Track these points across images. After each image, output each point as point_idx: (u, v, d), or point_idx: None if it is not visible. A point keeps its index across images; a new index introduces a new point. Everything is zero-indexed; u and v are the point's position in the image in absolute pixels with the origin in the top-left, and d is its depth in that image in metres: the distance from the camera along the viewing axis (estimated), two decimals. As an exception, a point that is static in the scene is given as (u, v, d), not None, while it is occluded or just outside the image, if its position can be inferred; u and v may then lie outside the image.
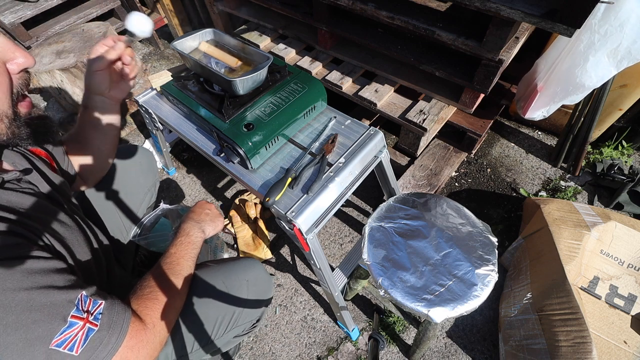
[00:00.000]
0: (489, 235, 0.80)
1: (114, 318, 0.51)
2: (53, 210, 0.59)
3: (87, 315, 0.48)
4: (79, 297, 0.48)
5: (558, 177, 1.58)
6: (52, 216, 0.58)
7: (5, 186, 0.54)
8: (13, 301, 0.42)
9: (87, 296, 0.49)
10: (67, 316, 0.46)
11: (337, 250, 1.44)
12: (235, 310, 0.79)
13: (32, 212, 0.54)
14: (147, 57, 2.48)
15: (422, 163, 1.50)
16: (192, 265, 0.73)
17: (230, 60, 1.02)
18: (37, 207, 0.56)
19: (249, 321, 0.83)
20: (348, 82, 1.42)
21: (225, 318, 0.78)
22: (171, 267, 0.68)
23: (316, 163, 0.90)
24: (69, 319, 0.46)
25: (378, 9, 1.14)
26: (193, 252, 0.75)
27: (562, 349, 0.87)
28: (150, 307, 0.59)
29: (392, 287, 0.73)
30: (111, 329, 0.50)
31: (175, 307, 0.65)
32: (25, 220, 0.51)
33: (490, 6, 0.88)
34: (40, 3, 2.03)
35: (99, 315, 0.49)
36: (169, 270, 0.68)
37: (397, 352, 1.17)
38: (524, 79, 1.35)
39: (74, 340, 0.46)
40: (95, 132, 0.81)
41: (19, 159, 0.64)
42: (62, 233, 0.57)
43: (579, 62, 1.10)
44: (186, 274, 0.70)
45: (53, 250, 0.53)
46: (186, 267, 0.71)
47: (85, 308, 0.48)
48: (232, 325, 0.80)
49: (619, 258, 1.05)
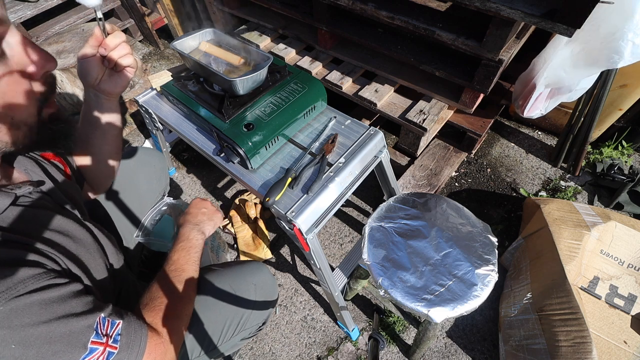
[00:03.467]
0: (489, 235, 0.80)
1: (131, 337, 0.51)
2: (67, 225, 0.57)
3: (107, 339, 0.48)
4: (98, 321, 0.48)
5: (558, 177, 1.58)
6: (66, 233, 0.56)
7: (18, 202, 0.52)
8: (32, 336, 0.42)
9: (105, 317, 0.49)
10: (87, 342, 0.46)
11: (337, 250, 1.43)
12: (244, 314, 0.80)
13: (47, 232, 0.53)
14: (147, 57, 2.48)
15: (422, 163, 1.50)
16: (196, 269, 0.73)
17: (233, 58, 1.02)
18: (52, 225, 0.54)
19: (255, 324, 0.83)
20: (348, 82, 1.42)
21: (233, 321, 0.79)
22: (177, 275, 0.68)
23: (316, 163, 0.90)
24: (89, 346, 0.46)
25: (378, 9, 1.14)
26: (195, 255, 0.75)
27: (562, 349, 0.87)
28: (164, 318, 0.60)
29: (392, 287, 0.73)
30: (130, 349, 0.50)
31: (187, 314, 0.66)
32: (40, 246, 0.49)
33: (490, 6, 0.88)
34: (40, 3, 2.03)
35: (117, 337, 0.50)
36: (176, 278, 0.68)
37: (397, 352, 1.17)
38: (521, 78, 1.35)
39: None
40: (94, 131, 0.76)
41: (32, 166, 0.62)
42: (76, 251, 0.56)
43: (573, 60, 1.11)
44: (192, 279, 0.70)
45: (69, 273, 0.52)
46: (191, 271, 0.71)
47: (104, 331, 0.48)
48: (240, 328, 0.80)
49: (619, 258, 1.05)
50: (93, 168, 0.80)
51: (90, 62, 0.65)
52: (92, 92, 0.70)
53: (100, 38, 0.64)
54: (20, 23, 2.03)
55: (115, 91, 0.71)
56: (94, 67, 0.66)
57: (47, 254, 0.49)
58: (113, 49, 0.65)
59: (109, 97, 0.72)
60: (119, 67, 0.68)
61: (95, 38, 0.64)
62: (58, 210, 0.58)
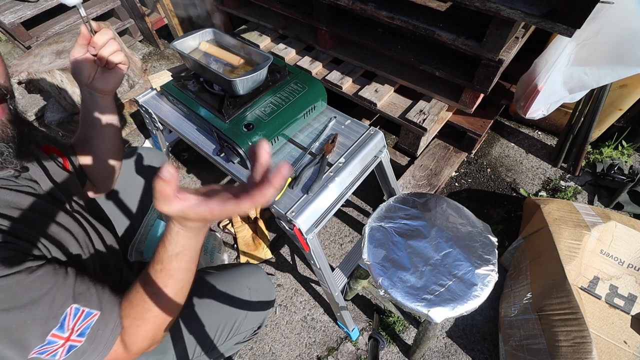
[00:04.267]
0: (489, 235, 0.80)
1: (101, 334, 0.49)
2: (52, 210, 0.57)
3: (71, 333, 0.46)
4: (68, 312, 0.46)
5: (558, 177, 1.58)
6: (49, 217, 0.55)
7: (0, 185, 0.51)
8: None
9: (79, 308, 0.47)
10: (47, 334, 0.44)
11: (337, 250, 1.43)
12: (237, 318, 0.79)
13: (29, 215, 0.51)
14: (147, 57, 2.48)
15: (422, 163, 1.50)
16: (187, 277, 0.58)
17: (232, 59, 1.02)
18: (34, 208, 0.53)
19: (250, 328, 0.83)
20: (348, 82, 1.42)
21: (227, 325, 0.78)
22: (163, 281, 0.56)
23: (316, 163, 0.90)
24: (48, 337, 0.44)
25: (378, 8, 1.14)
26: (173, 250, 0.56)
27: (562, 349, 0.87)
28: (138, 330, 0.54)
29: (392, 287, 0.73)
30: (94, 345, 0.49)
31: (164, 327, 0.58)
32: (19, 227, 0.48)
33: (490, 6, 0.88)
34: (40, 3, 2.03)
35: (86, 330, 0.48)
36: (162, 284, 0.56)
37: (397, 352, 1.17)
38: (523, 79, 1.35)
39: (56, 352, 0.45)
40: (92, 130, 0.77)
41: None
42: (58, 235, 0.55)
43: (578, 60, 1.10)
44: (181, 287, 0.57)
45: (50, 257, 0.50)
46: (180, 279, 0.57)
47: (71, 325, 0.46)
48: (234, 332, 0.79)
49: (619, 258, 1.05)
50: (94, 167, 0.80)
51: (82, 62, 0.66)
52: (86, 91, 0.71)
53: (88, 37, 0.64)
54: (20, 23, 2.03)
55: (108, 88, 0.71)
56: (86, 66, 0.66)
57: (22, 236, 0.47)
58: (102, 46, 0.65)
59: (103, 95, 0.72)
60: (110, 64, 0.68)
61: (83, 37, 0.64)
62: (44, 198, 0.57)
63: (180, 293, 0.57)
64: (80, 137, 0.79)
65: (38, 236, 0.50)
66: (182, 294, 0.57)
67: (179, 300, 0.57)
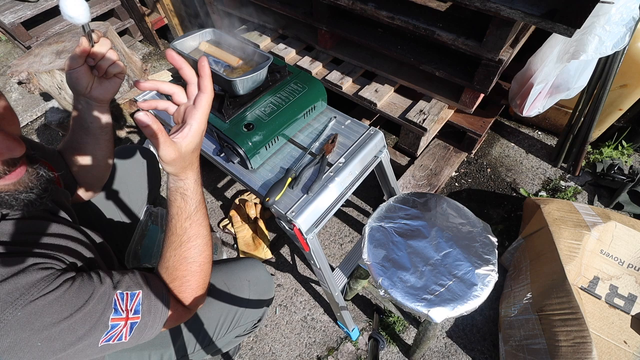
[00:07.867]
0: (489, 235, 0.80)
1: (152, 302, 0.55)
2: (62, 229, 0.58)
3: (127, 313, 0.52)
4: (115, 299, 0.51)
5: (558, 177, 1.58)
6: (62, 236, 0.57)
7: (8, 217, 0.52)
8: (56, 332, 0.45)
9: (122, 293, 0.52)
10: (108, 321, 0.49)
11: (337, 250, 1.43)
12: (237, 311, 0.79)
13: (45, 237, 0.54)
14: (147, 57, 2.48)
15: (422, 163, 1.50)
16: (207, 222, 0.65)
17: (231, 59, 1.02)
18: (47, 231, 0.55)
19: (250, 321, 0.83)
20: (348, 82, 1.42)
21: (227, 318, 0.78)
22: (196, 231, 0.61)
23: (316, 163, 0.90)
24: (110, 323, 0.50)
25: (378, 9, 1.14)
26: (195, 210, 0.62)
27: (562, 349, 0.87)
28: (190, 284, 0.62)
29: (392, 287, 0.73)
30: (153, 313, 0.55)
31: (209, 272, 0.66)
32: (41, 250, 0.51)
33: (490, 6, 0.88)
34: (40, 3, 2.03)
35: (138, 307, 0.53)
36: (195, 234, 0.61)
37: (397, 352, 1.17)
38: (517, 77, 1.35)
39: (121, 334, 0.51)
40: (86, 136, 0.76)
41: None
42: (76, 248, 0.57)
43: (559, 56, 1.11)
44: (208, 231, 0.64)
45: (76, 267, 0.54)
46: (206, 225, 0.63)
47: (123, 307, 0.52)
48: (234, 325, 0.80)
49: (619, 258, 1.05)
50: (86, 172, 0.81)
51: (80, 72, 0.65)
52: (82, 100, 0.71)
53: (88, 48, 0.64)
54: (20, 23, 2.03)
55: (107, 97, 0.71)
56: (84, 76, 0.66)
57: (50, 255, 0.50)
58: (101, 58, 0.66)
59: (101, 104, 0.73)
60: (108, 74, 0.69)
61: (82, 49, 0.64)
62: (50, 218, 0.59)
63: (208, 236, 0.64)
64: (71, 144, 0.78)
65: (61, 252, 0.53)
66: (210, 237, 0.65)
67: (210, 243, 0.65)
